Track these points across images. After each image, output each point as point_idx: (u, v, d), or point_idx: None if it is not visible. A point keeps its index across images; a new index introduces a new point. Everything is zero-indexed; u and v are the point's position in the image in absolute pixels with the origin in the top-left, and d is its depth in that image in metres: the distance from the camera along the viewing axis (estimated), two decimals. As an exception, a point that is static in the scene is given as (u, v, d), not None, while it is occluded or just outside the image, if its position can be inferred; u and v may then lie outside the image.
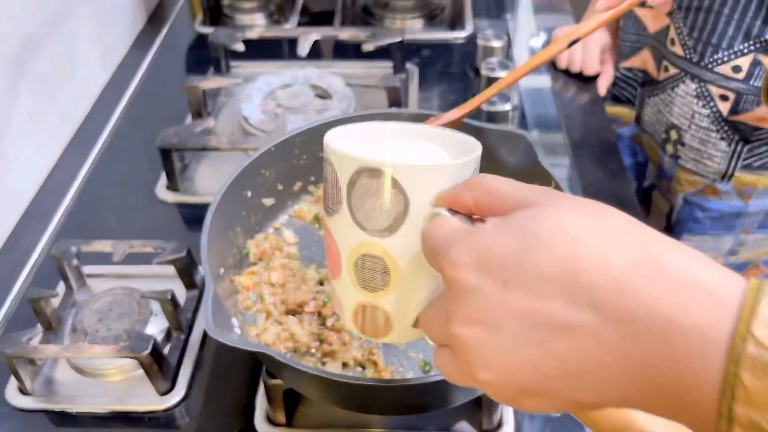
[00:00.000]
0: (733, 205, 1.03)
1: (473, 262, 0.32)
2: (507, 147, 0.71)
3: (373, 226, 0.41)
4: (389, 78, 1.01)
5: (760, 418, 0.25)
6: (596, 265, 0.29)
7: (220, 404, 0.68)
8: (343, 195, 0.41)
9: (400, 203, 0.39)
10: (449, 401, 0.60)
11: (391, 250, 0.41)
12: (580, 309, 0.29)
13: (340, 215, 0.42)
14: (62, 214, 0.90)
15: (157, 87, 1.14)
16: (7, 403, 0.68)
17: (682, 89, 0.99)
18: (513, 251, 0.31)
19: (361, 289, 0.44)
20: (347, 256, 0.43)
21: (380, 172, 0.39)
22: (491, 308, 0.31)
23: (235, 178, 0.68)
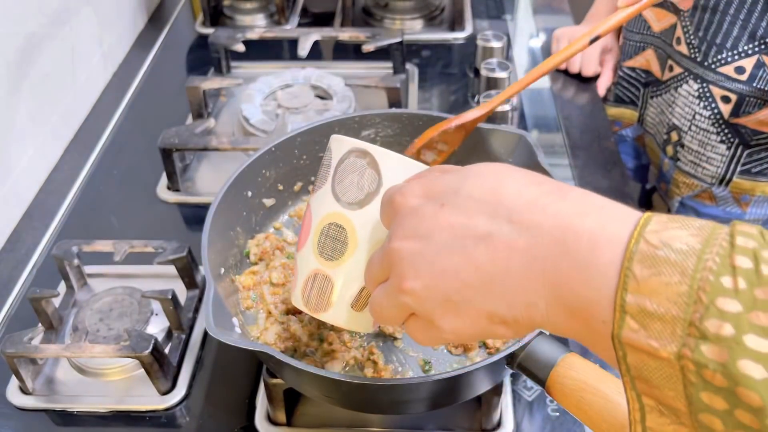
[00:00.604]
0: (730, 211, 1.03)
1: (420, 190, 0.39)
2: (507, 147, 0.71)
3: (347, 199, 0.49)
4: (389, 78, 1.01)
5: (645, 301, 0.29)
6: (515, 192, 0.36)
7: (221, 403, 0.68)
8: (331, 172, 0.50)
9: (374, 182, 0.48)
10: (449, 401, 0.61)
11: (355, 223, 0.48)
12: (499, 223, 0.35)
13: (322, 190, 0.50)
14: (63, 214, 0.90)
15: (158, 87, 1.14)
16: (8, 403, 0.68)
17: (685, 89, 0.99)
18: (452, 183, 0.38)
19: (319, 256, 0.50)
20: (317, 224, 0.50)
21: (366, 153, 0.48)
22: (426, 223, 0.37)
23: (236, 178, 0.68)
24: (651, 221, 0.31)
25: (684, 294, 0.28)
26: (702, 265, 0.28)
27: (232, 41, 1.08)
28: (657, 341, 0.29)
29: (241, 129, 0.98)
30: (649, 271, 0.29)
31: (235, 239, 0.70)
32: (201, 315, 0.75)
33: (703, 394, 0.28)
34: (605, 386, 0.48)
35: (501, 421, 0.65)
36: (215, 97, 1.07)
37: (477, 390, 0.60)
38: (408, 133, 0.75)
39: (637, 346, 0.30)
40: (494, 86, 1.01)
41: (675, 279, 0.29)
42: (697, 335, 0.28)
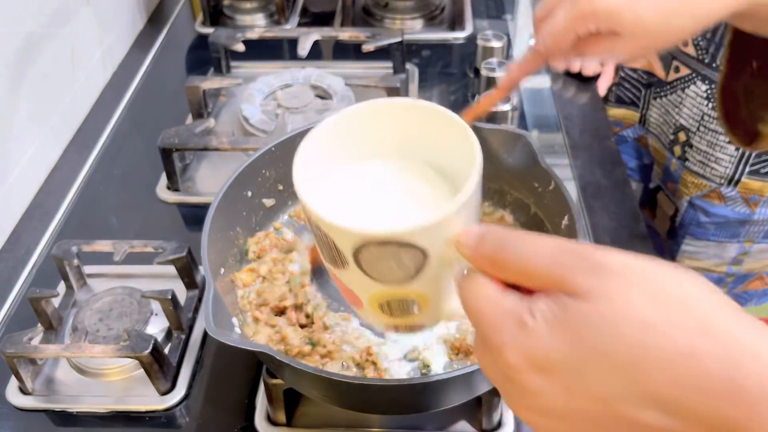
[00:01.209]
0: (739, 211, 1.03)
1: (530, 365, 0.30)
2: (507, 147, 0.71)
3: (392, 280, 0.39)
4: (389, 78, 1.01)
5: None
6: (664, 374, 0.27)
7: (221, 404, 0.68)
8: (347, 259, 0.38)
9: (418, 257, 0.37)
10: (449, 401, 0.60)
11: (417, 289, 0.39)
12: (648, 411, 0.28)
13: (348, 271, 0.39)
14: (63, 214, 0.90)
15: (158, 87, 1.14)
16: (7, 403, 0.68)
17: (693, 90, 0.99)
18: (571, 359, 0.29)
19: (390, 317, 0.42)
20: (368, 300, 0.41)
21: (390, 241, 0.36)
22: (556, 407, 0.31)
23: (236, 178, 0.68)
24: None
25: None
26: None
27: (231, 41, 1.08)
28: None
29: (241, 129, 0.98)
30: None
31: (234, 239, 0.70)
32: (201, 315, 0.74)
33: None
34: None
35: (501, 421, 0.65)
36: (215, 96, 1.07)
37: (477, 390, 0.60)
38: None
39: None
40: (494, 86, 1.01)
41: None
42: None
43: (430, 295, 0.40)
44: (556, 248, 0.31)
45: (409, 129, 0.43)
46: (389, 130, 0.43)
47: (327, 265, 0.42)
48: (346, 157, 0.44)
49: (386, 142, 0.44)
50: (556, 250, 0.31)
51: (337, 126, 0.43)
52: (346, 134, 0.44)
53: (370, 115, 0.43)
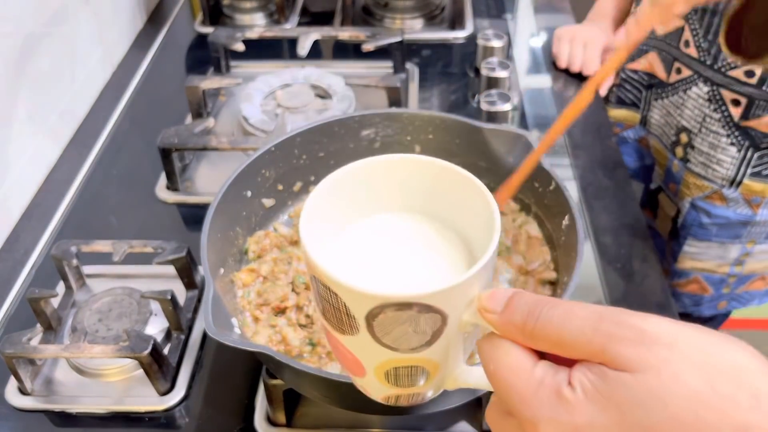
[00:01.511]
0: (741, 213, 1.03)
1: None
2: (507, 147, 0.70)
3: (407, 346, 0.36)
4: (389, 78, 1.01)
5: None
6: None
7: (220, 404, 0.68)
8: (359, 324, 0.35)
9: (437, 322, 0.35)
10: (449, 401, 0.60)
11: (430, 357, 0.37)
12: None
13: (358, 338, 0.36)
14: (62, 214, 0.90)
15: (157, 87, 1.14)
16: (6, 403, 0.68)
17: (695, 92, 0.99)
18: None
19: (394, 387, 0.39)
20: (375, 369, 0.38)
21: (411, 305, 0.33)
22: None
23: (235, 178, 0.68)
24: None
25: None
26: None
27: (231, 40, 1.08)
28: None
29: (241, 129, 0.98)
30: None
31: (234, 239, 0.70)
32: (200, 315, 0.74)
33: None
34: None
35: (501, 422, 0.65)
36: (214, 96, 1.07)
37: (477, 391, 0.59)
38: (408, 132, 0.75)
39: None
40: (495, 86, 1.01)
41: None
42: None
43: (442, 363, 0.38)
44: (595, 315, 0.29)
45: (419, 185, 0.41)
46: (402, 185, 0.41)
47: (330, 331, 0.38)
48: (357, 213, 0.42)
49: (398, 198, 0.42)
50: (596, 317, 0.29)
51: (344, 179, 0.40)
52: (355, 189, 0.41)
53: (382, 169, 0.41)
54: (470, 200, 0.38)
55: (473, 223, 0.38)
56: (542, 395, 0.29)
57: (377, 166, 0.41)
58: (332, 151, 0.76)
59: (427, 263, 0.40)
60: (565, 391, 0.28)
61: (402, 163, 0.41)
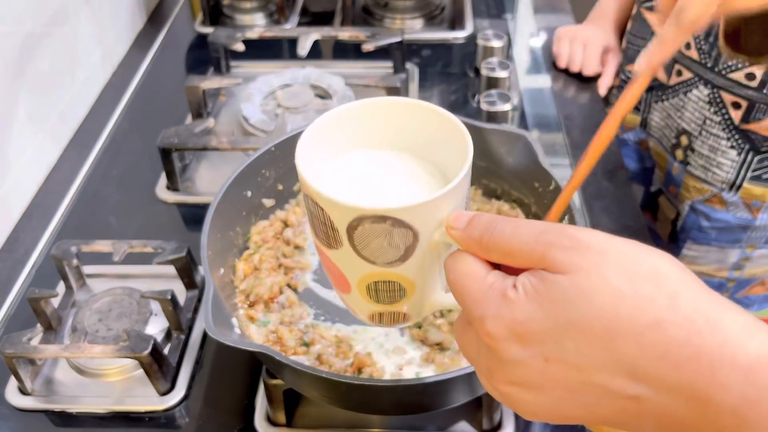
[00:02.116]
0: (741, 217, 1.03)
1: (510, 335, 0.32)
2: (507, 147, 0.70)
3: (383, 260, 0.40)
4: (389, 78, 1.01)
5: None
6: (634, 343, 0.29)
7: (220, 404, 0.68)
8: (342, 237, 0.39)
9: (409, 237, 0.38)
10: (449, 401, 0.60)
11: (404, 273, 0.41)
12: (621, 380, 0.30)
13: (341, 251, 0.40)
14: (62, 214, 0.90)
15: (157, 87, 1.14)
16: (7, 403, 0.68)
17: (695, 94, 0.99)
18: (550, 329, 0.31)
19: (375, 303, 0.43)
20: (357, 283, 0.42)
21: (384, 217, 0.37)
22: (533, 377, 0.32)
23: (235, 178, 0.68)
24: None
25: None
26: None
27: (231, 41, 1.08)
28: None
29: (241, 129, 0.98)
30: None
31: (234, 239, 0.70)
32: (200, 315, 0.74)
33: None
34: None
35: (501, 422, 0.65)
36: (215, 96, 1.07)
37: (477, 391, 0.60)
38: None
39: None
40: (495, 86, 1.01)
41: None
42: None
43: (418, 281, 0.41)
44: (540, 229, 0.33)
45: (405, 124, 0.45)
46: (387, 124, 0.45)
47: (320, 247, 0.43)
48: (345, 147, 0.45)
49: (384, 135, 0.46)
50: (540, 230, 0.33)
51: (338, 117, 0.45)
52: (347, 126, 0.45)
53: (369, 110, 0.45)
54: (449, 137, 0.42)
55: (450, 157, 0.42)
56: (490, 296, 0.33)
57: (363, 108, 0.45)
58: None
59: (405, 188, 0.44)
60: (510, 292, 0.32)
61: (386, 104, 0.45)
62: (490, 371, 0.34)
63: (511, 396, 0.33)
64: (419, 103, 0.44)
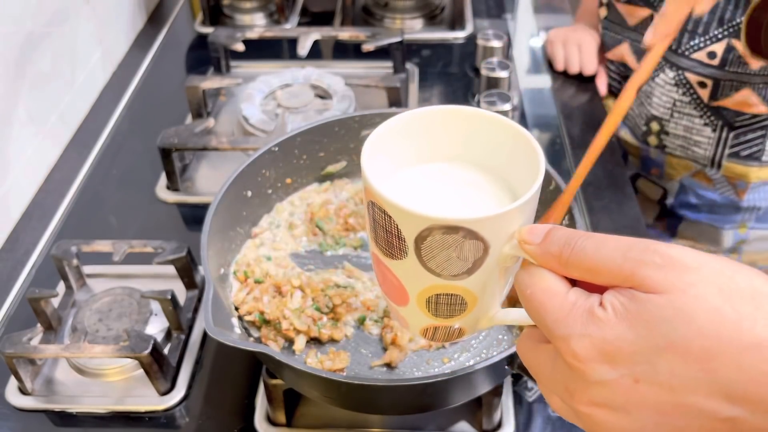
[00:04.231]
0: (727, 197, 1.04)
1: (599, 355, 0.31)
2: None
3: (449, 273, 0.39)
4: (389, 78, 1.01)
5: None
6: (732, 364, 0.28)
7: (220, 404, 0.68)
8: (408, 247, 0.39)
9: (479, 250, 0.38)
10: (449, 401, 0.60)
11: (468, 286, 0.40)
12: (717, 401, 0.29)
13: (405, 262, 0.40)
14: (62, 214, 0.90)
15: (157, 87, 1.14)
16: (7, 403, 0.68)
17: (662, 78, 1.00)
18: (643, 350, 0.30)
19: (433, 317, 0.42)
20: (417, 295, 0.41)
21: (457, 228, 0.37)
22: (620, 398, 0.31)
23: (236, 178, 0.68)
24: None
25: None
26: None
27: (231, 40, 1.08)
28: None
29: (241, 129, 0.98)
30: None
31: (234, 239, 0.70)
32: (200, 315, 0.74)
33: None
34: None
35: (501, 421, 0.65)
36: (215, 96, 1.07)
37: (477, 391, 0.60)
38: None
39: None
40: (495, 86, 1.01)
41: None
42: None
43: (480, 295, 0.40)
44: (626, 245, 0.31)
45: (471, 135, 0.44)
46: (452, 134, 0.44)
47: (379, 258, 0.42)
48: (411, 158, 0.44)
49: (451, 146, 0.44)
50: (626, 246, 0.31)
51: (404, 124, 0.44)
52: (413, 134, 0.44)
53: (437, 118, 0.44)
54: (518, 150, 0.41)
55: (519, 170, 0.41)
56: (575, 314, 0.32)
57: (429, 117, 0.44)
58: (332, 151, 0.76)
59: (475, 200, 0.43)
60: (597, 311, 0.31)
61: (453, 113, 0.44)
62: (570, 392, 0.32)
63: (594, 417, 0.32)
64: (488, 114, 0.43)
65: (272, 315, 0.65)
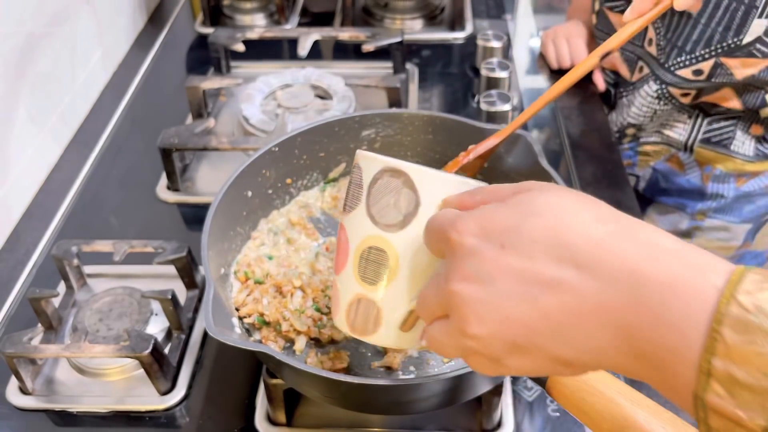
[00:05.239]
0: (693, 182, 1.05)
1: (476, 229, 0.37)
2: (507, 147, 0.71)
3: (385, 221, 0.46)
4: (389, 78, 1.01)
5: (735, 369, 0.28)
6: (579, 232, 0.34)
7: (221, 404, 0.68)
8: (363, 192, 0.47)
9: (411, 202, 0.45)
10: (449, 401, 0.61)
11: (396, 246, 0.46)
12: (565, 267, 0.34)
13: (356, 211, 0.48)
14: (63, 214, 0.90)
15: (158, 87, 1.14)
16: (7, 403, 0.68)
17: (645, 90, 1.01)
18: (511, 221, 0.36)
19: (361, 281, 0.48)
20: (356, 248, 0.48)
21: (400, 173, 0.45)
22: (487, 267, 0.36)
23: (236, 178, 0.68)
24: (745, 279, 0.30)
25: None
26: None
27: (231, 41, 1.08)
28: (744, 412, 0.28)
29: (241, 129, 0.98)
30: (741, 338, 0.28)
31: (235, 239, 0.70)
32: (201, 315, 0.75)
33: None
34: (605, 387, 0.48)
35: (501, 421, 0.65)
36: (215, 96, 1.07)
37: (477, 390, 0.60)
38: (408, 133, 0.75)
39: (723, 413, 0.29)
40: (494, 86, 1.01)
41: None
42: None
43: (402, 261, 0.46)
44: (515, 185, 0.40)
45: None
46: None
47: (342, 222, 0.50)
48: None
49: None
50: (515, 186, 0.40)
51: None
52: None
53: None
54: None
55: None
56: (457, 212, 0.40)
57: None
58: (332, 151, 0.76)
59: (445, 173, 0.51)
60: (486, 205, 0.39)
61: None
62: (446, 278, 0.38)
63: (462, 293, 0.36)
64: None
65: (272, 317, 0.65)
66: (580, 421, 0.48)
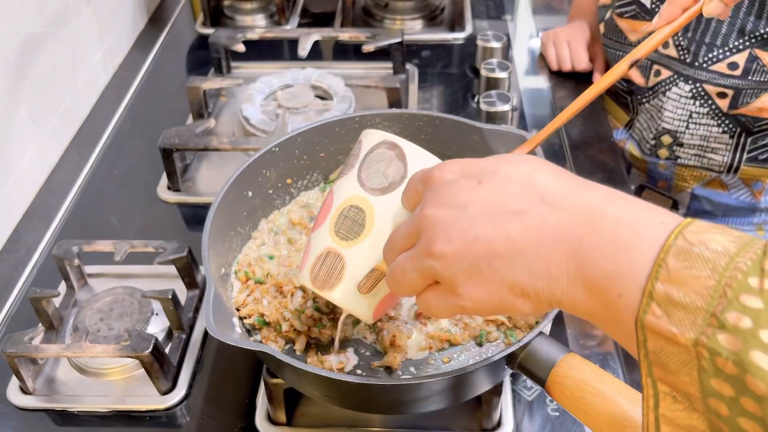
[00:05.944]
0: (743, 200, 1.03)
1: (458, 168, 0.42)
2: (507, 147, 0.71)
3: (371, 185, 0.51)
4: (389, 79, 1.01)
5: (673, 290, 0.31)
6: (549, 180, 0.39)
7: (221, 403, 0.68)
8: (358, 161, 0.52)
9: (399, 172, 0.50)
10: (449, 401, 0.61)
11: (375, 207, 0.50)
12: (533, 202, 0.38)
13: (348, 176, 0.52)
14: (64, 214, 0.90)
15: (158, 87, 1.14)
16: (8, 402, 0.68)
17: (675, 92, 0.98)
18: (489, 166, 0.41)
19: (335, 235, 0.52)
20: (338, 207, 0.52)
21: (396, 146, 0.51)
22: (462, 195, 0.40)
23: (236, 178, 0.68)
24: (693, 223, 0.33)
25: (711, 288, 0.30)
26: (733, 265, 0.30)
27: (232, 41, 1.08)
28: (677, 328, 0.31)
29: (242, 129, 0.98)
30: (682, 264, 0.32)
31: (235, 239, 0.70)
32: (201, 315, 0.75)
33: (713, 381, 0.30)
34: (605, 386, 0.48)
35: (501, 420, 0.65)
36: (215, 97, 1.07)
37: (477, 390, 0.60)
38: (408, 133, 0.75)
39: (658, 331, 0.32)
40: (494, 86, 1.01)
41: (705, 273, 0.31)
42: (715, 325, 0.30)
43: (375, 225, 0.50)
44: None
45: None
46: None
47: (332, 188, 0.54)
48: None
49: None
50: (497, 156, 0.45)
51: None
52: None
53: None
54: None
55: None
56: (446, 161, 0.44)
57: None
58: (332, 151, 0.76)
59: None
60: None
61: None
62: (423, 204, 0.42)
63: (433, 217, 0.40)
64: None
65: (272, 317, 0.65)
66: (580, 420, 0.48)
